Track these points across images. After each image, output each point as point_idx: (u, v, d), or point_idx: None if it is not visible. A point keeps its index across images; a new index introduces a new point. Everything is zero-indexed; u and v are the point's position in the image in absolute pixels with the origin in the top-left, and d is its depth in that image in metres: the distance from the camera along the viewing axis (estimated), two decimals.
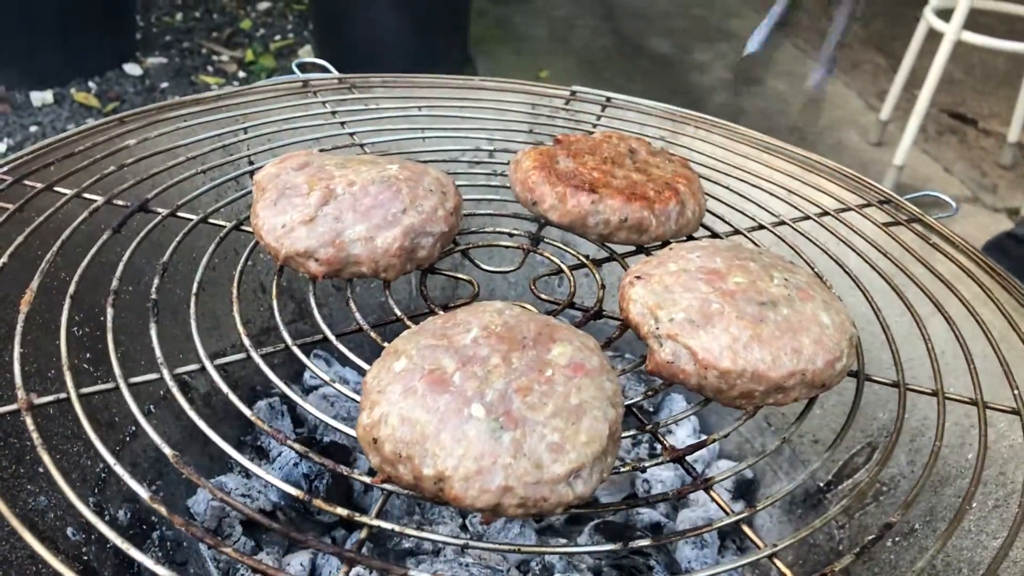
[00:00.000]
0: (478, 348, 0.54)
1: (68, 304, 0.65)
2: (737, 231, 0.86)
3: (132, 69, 2.87)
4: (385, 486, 0.53)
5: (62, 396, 0.58)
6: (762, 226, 0.87)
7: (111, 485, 0.83)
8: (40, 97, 2.62)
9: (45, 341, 0.74)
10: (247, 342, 0.63)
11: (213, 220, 0.77)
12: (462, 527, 0.90)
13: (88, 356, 0.83)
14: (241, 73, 3.00)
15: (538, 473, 0.48)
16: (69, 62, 2.69)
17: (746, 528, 0.56)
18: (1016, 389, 0.68)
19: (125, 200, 0.78)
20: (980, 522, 0.73)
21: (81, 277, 0.68)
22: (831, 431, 0.97)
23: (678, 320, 0.59)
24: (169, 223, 0.77)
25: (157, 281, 0.68)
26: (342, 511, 0.52)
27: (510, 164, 0.80)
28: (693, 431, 1.06)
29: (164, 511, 0.51)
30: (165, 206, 0.78)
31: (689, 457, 0.87)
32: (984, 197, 2.67)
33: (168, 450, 0.54)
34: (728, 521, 0.56)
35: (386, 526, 0.52)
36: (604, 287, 0.73)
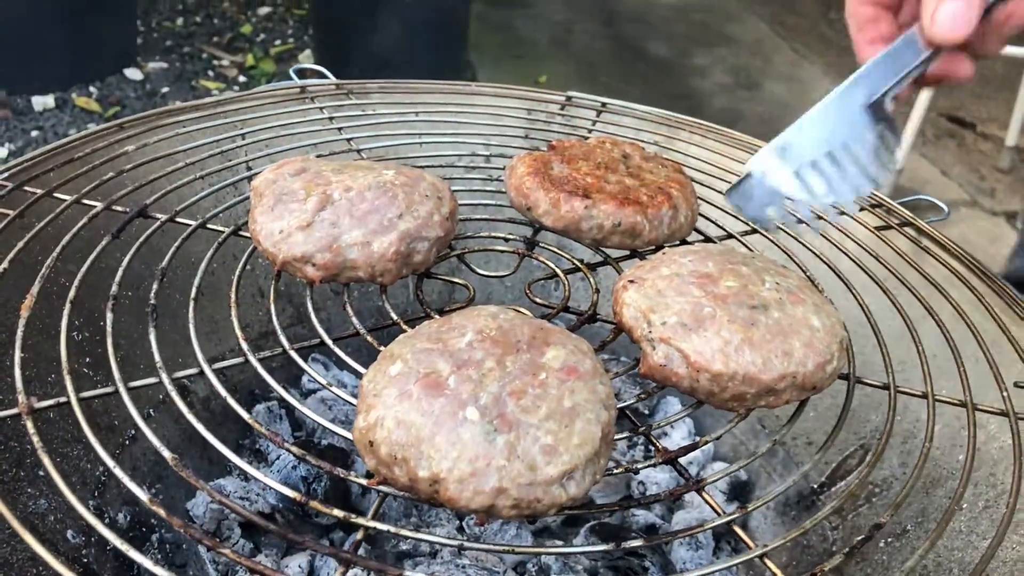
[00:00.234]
0: (473, 352, 0.55)
1: (68, 309, 0.66)
2: (730, 235, 0.87)
3: (133, 74, 2.88)
4: (381, 488, 0.53)
5: (62, 400, 0.58)
6: (755, 230, 0.88)
7: (111, 488, 0.84)
8: (41, 102, 2.63)
9: (45, 346, 0.74)
10: (245, 346, 0.64)
11: (211, 225, 0.78)
12: (459, 529, 0.91)
13: (88, 360, 0.84)
14: (242, 78, 3.01)
15: (531, 475, 0.49)
16: (70, 67, 2.70)
17: (737, 528, 0.56)
18: (1005, 391, 0.69)
19: (124, 206, 0.79)
20: (971, 523, 0.74)
21: (81, 282, 0.69)
22: (824, 433, 0.96)
23: (670, 324, 0.59)
24: (168, 228, 0.78)
25: (156, 286, 0.69)
26: (339, 512, 0.53)
27: (505, 169, 0.81)
28: (688, 434, 1.06)
29: (163, 513, 0.51)
30: (164, 211, 0.79)
31: (684, 460, 0.88)
32: (982, 201, 2.67)
33: (167, 453, 0.55)
34: (719, 522, 0.56)
35: (382, 527, 0.53)
36: (598, 291, 0.74)
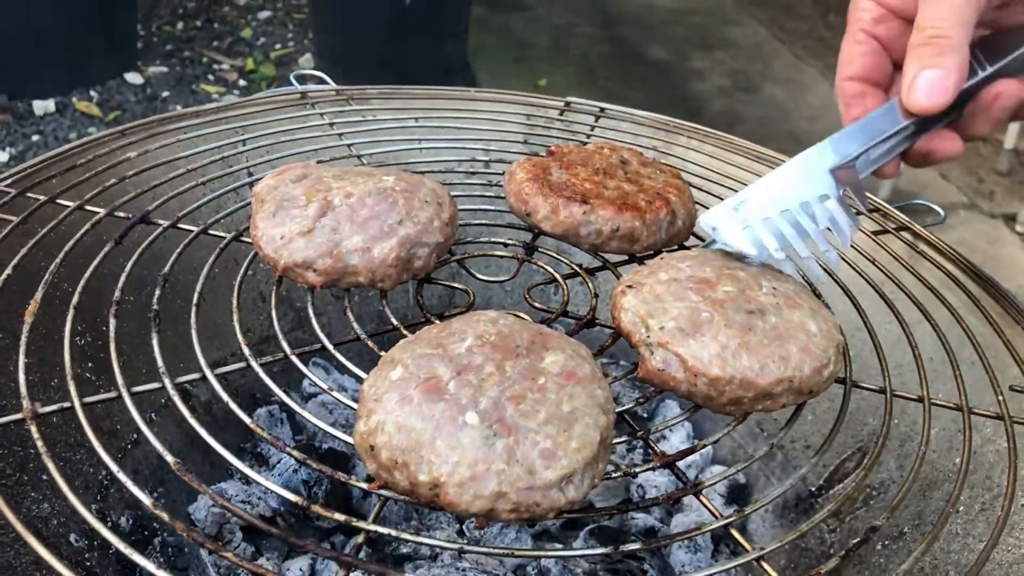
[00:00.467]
0: (472, 357, 0.55)
1: (71, 315, 0.66)
2: None
3: (133, 78, 2.89)
4: (382, 492, 0.54)
5: (66, 405, 0.59)
6: None
7: (113, 493, 0.84)
8: (42, 106, 2.64)
9: (49, 351, 0.75)
10: (247, 351, 0.64)
11: (213, 231, 0.79)
12: (459, 533, 0.91)
13: (91, 366, 0.85)
14: (242, 82, 3.02)
15: (531, 479, 0.49)
16: (71, 71, 2.71)
17: (734, 531, 0.57)
18: (1001, 395, 0.69)
19: (127, 212, 0.80)
20: (967, 525, 0.74)
21: (84, 288, 0.69)
22: (822, 437, 0.97)
23: (668, 328, 0.60)
24: (170, 234, 0.78)
25: (158, 292, 0.69)
26: (340, 516, 0.54)
27: (505, 175, 0.82)
28: (687, 438, 1.07)
29: (166, 517, 0.52)
30: (166, 217, 0.79)
31: (683, 464, 0.88)
32: (981, 203, 2.68)
33: (170, 457, 0.56)
34: (717, 525, 0.57)
35: (383, 531, 0.53)
36: (597, 296, 0.74)
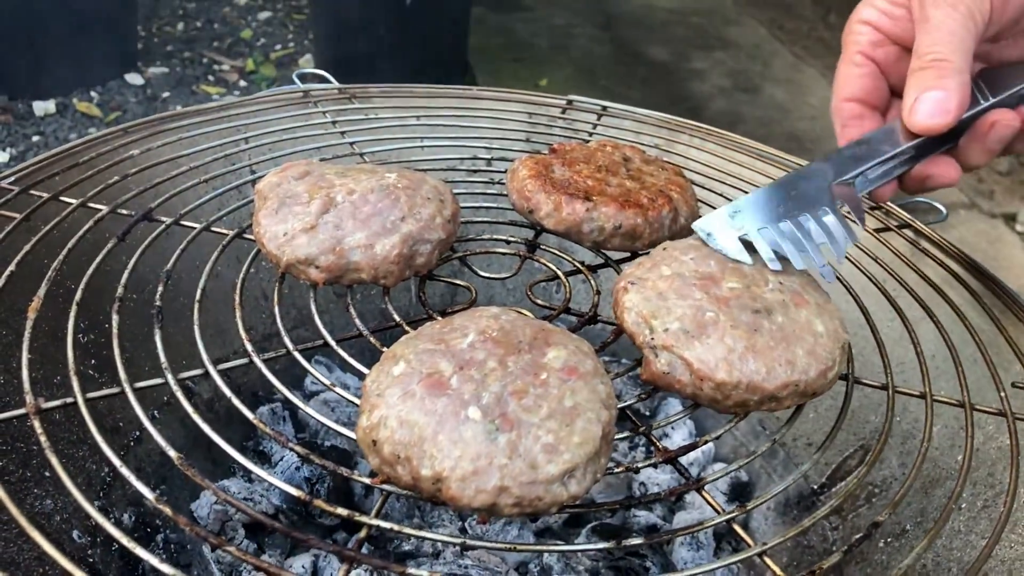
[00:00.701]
0: (475, 352, 0.55)
1: (74, 311, 0.66)
2: None
3: (134, 79, 2.90)
4: (384, 487, 0.54)
5: (69, 400, 0.59)
6: None
7: (116, 489, 0.84)
8: (42, 107, 2.64)
9: (52, 347, 0.75)
10: (250, 347, 0.64)
11: (216, 228, 0.79)
12: (461, 530, 0.91)
13: (93, 362, 0.85)
14: (242, 82, 3.02)
15: (533, 473, 0.49)
16: (71, 72, 2.71)
17: (736, 527, 0.57)
18: (1003, 392, 0.69)
19: (129, 209, 0.80)
20: (970, 522, 0.74)
21: (87, 285, 0.69)
22: (824, 434, 0.97)
23: (673, 330, 0.59)
24: (173, 231, 0.78)
25: (161, 288, 0.69)
26: (343, 511, 0.54)
27: (507, 173, 0.82)
28: (688, 434, 1.07)
29: (169, 512, 0.52)
30: (169, 215, 0.80)
31: (685, 461, 0.88)
32: (981, 203, 2.68)
33: (173, 453, 0.56)
34: (719, 520, 0.57)
35: (386, 526, 0.53)
36: (599, 292, 0.74)
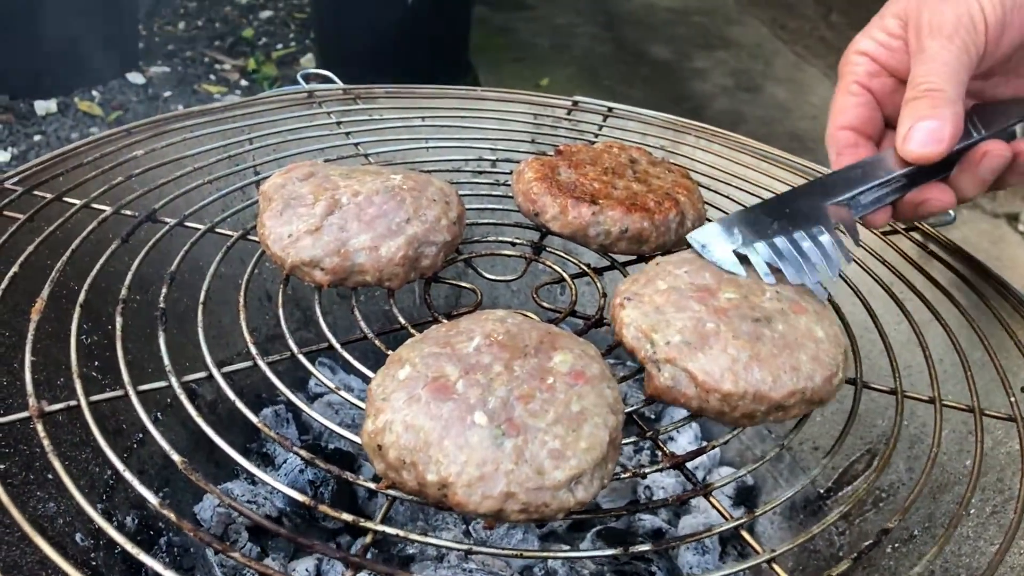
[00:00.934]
0: (481, 356, 0.55)
1: (78, 313, 0.66)
2: None
3: (135, 78, 2.89)
4: (389, 492, 0.54)
5: (72, 404, 0.59)
6: None
7: (119, 492, 0.84)
8: (44, 106, 2.63)
9: (55, 349, 0.75)
10: (254, 350, 0.64)
11: (220, 230, 0.78)
12: (465, 533, 0.91)
13: (97, 364, 0.84)
14: (243, 82, 3.02)
15: (539, 479, 0.49)
16: (72, 71, 2.71)
17: (745, 534, 0.56)
18: (1013, 396, 0.69)
19: (133, 210, 0.80)
20: (978, 528, 0.74)
21: (90, 286, 0.69)
22: (831, 438, 0.97)
23: (675, 343, 0.58)
24: (177, 232, 0.78)
25: (165, 290, 0.69)
26: (347, 516, 0.53)
27: (513, 175, 0.81)
28: (695, 438, 1.06)
29: (173, 517, 0.52)
30: (173, 216, 0.79)
31: (691, 465, 0.87)
32: (983, 203, 2.67)
33: (177, 457, 0.55)
34: (727, 526, 0.56)
35: (390, 531, 0.53)
36: (605, 295, 0.74)
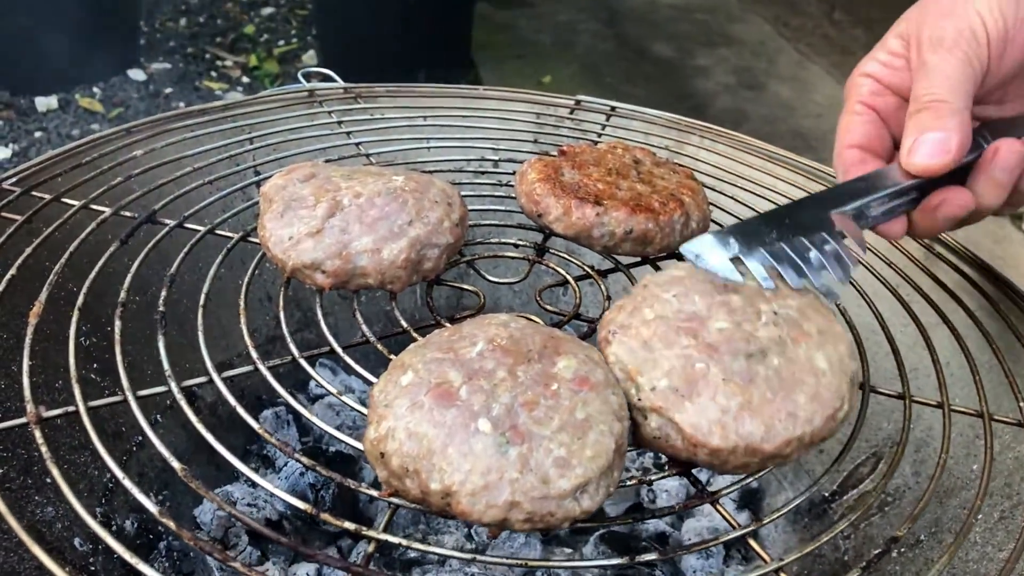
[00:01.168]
0: (484, 361, 0.54)
1: (76, 316, 0.65)
2: None
3: (136, 75, 2.88)
4: (392, 500, 0.53)
5: (71, 409, 0.58)
6: None
7: (118, 495, 0.83)
8: (45, 103, 2.63)
9: (53, 352, 0.74)
10: (254, 354, 0.63)
11: (220, 231, 0.78)
12: (467, 536, 0.90)
13: (96, 367, 0.84)
14: (245, 78, 3.01)
15: (545, 488, 0.48)
16: (73, 68, 2.70)
17: (752, 542, 0.56)
18: (1021, 401, 0.68)
19: (133, 211, 0.79)
20: (986, 534, 0.73)
21: (89, 289, 0.68)
22: (836, 441, 0.95)
23: (660, 389, 0.54)
24: (176, 234, 0.77)
25: (164, 292, 0.68)
26: (350, 525, 0.53)
27: (515, 175, 0.80)
28: None
29: (172, 525, 0.51)
30: (172, 217, 0.78)
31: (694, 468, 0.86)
32: None
33: (176, 464, 0.55)
34: (734, 535, 0.56)
35: (393, 540, 0.52)
36: (609, 298, 0.73)
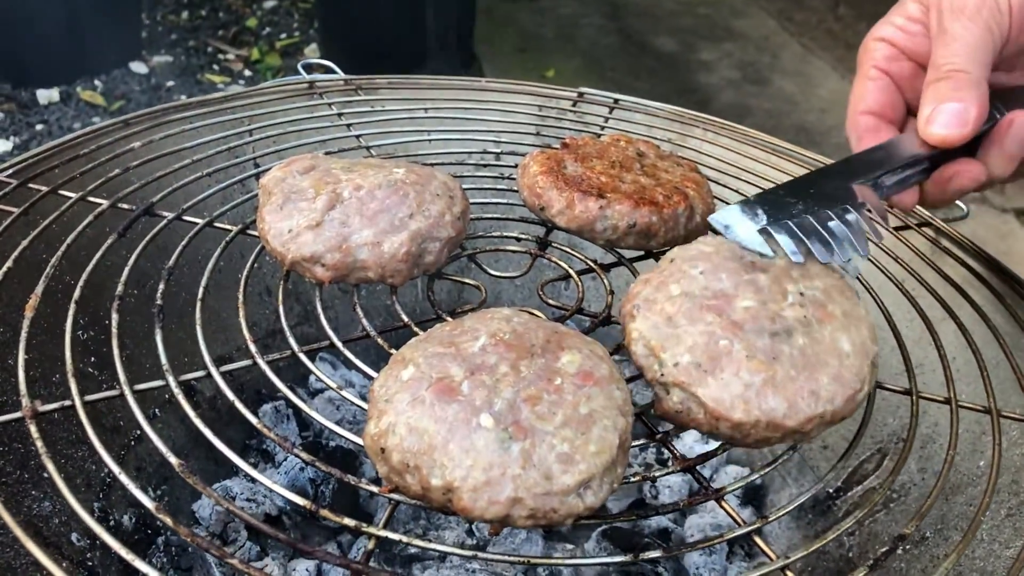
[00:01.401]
0: (486, 356, 0.53)
1: (73, 309, 0.64)
2: None
3: (138, 67, 2.87)
4: (393, 496, 0.52)
5: (67, 404, 0.57)
6: None
7: (116, 490, 0.82)
8: (46, 95, 2.62)
9: (50, 345, 0.73)
10: (253, 348, 0.62)
11: (219, 224, 0.77)
12: (468, 532, 0.90)
13: (92, 360, 0.83)
14: (247, 72, 2.99)
15: (547, 484, 0.48)
16: (75, 60, 2.69)
17: (757, 539, 0.55)
18: None
19: (130, 203, 0.78)
20: (993, 531, 0.72)
21: (86, 281, 0.68)
22: (840, 437, 0.96)
23: (683, 364, 0.54)
24: (174, 227, 0.76)
25: (162, 286, 0.67)
26: (350, 521, 0.52)
27: (518, 168, 0.79)
28: (701, 436, 1.05)
29: (170, 522, 0.50)
30: (171, 209, 0.78)
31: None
32: (992, 198, 2.65)
33: (174, 459, 0.54)
34: (739, 532, 0.55)
35: (394, 537, 0.52)
36: (612, 292, 0.72)
